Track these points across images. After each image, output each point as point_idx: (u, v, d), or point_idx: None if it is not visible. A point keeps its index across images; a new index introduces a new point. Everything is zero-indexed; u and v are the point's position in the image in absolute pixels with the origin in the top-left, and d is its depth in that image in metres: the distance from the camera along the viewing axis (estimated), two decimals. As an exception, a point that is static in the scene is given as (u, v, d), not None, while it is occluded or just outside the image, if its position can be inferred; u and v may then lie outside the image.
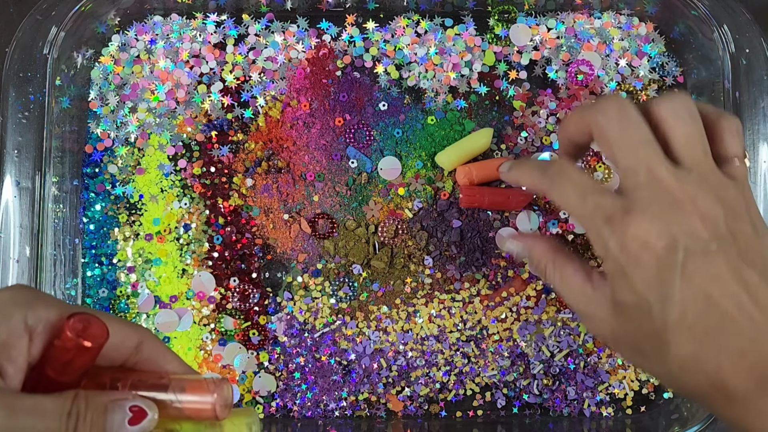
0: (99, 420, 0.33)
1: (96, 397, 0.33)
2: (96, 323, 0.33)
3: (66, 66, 0.68)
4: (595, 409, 0.69)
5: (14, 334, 0.33)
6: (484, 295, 0.69)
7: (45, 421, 0.31)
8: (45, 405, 0.32)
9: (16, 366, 0.33)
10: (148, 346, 0.37)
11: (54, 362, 0.34)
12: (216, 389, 0.36)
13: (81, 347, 0.33)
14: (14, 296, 0.33)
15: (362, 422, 0.68)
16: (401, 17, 0.71)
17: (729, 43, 0.66)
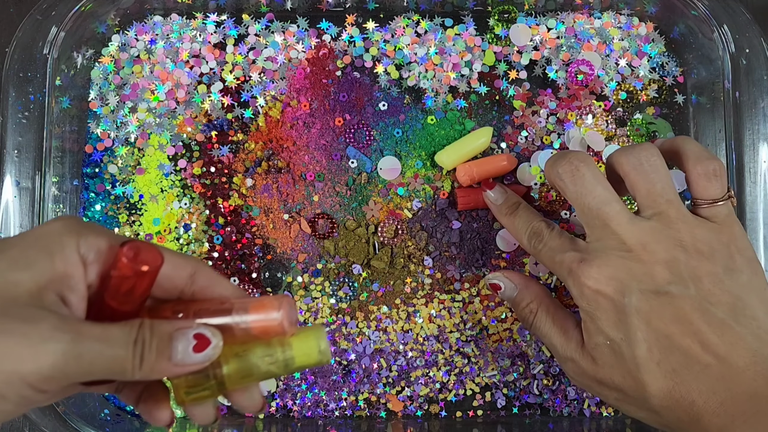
0: (164, 348, 0.33)
1: (161, 325, 0.33)
2: (149, 248, 0.33)
3: (66, 66, 0.68)
4: (595, 409, 0.69)
5: (71, 264, 0.33)
6: (484, 295, 0.69)
7: (112, 348, 0.32)
8: (112, 332, 0.32)
9: (78, 295, 0.33)
10: (203, 274, 0.37)
11: (113, 291, 0.34)
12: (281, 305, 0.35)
13: (138, 273, 0.33)
14: (65, 226, 0.33)
15: (362, 422, 0.68)
16: (401, 17, 0.71)
17: (729, 43, 0.66)
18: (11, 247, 0.33)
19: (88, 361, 0.31)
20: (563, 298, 0.69)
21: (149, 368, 0.33)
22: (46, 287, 0.32)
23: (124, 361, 0.32)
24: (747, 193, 0.65)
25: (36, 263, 0.32)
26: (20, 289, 0.31)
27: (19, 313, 0.30)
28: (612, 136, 0.70)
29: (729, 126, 0.66)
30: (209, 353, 0.34)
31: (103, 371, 0.32)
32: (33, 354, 0.30)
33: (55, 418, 0.63)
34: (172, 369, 0.34)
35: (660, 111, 0.72)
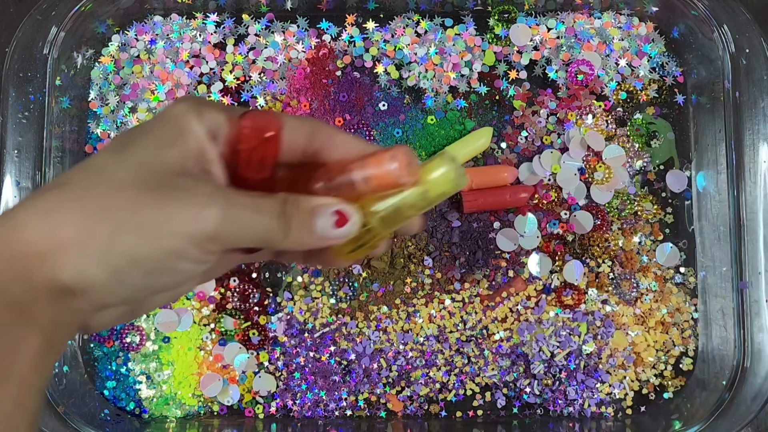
0: (308, 222, 0.35)
1: (304, 201, 0.35)
2: (266, 115, 0.35)
3: (66, 66, 0.68)
4: (595, 409, 0.69)
5: (203, 140, 0.34)
6: (484, 295, 0.69)
7: (262, 218, 0.34)
8: (261, 202, 0.34)
9: (217, 168, 0.35)
10: (321, 132, 0.38)
11: (245, 162, 0.35)
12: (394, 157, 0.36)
13: (263, 140, 0.35)
14: (187, 106, 0.35)
15: (362, 422, 0.68)
16: (401, 17, 0.71)
17: (729, 43, 0.66)
18: (149, 129, 0.34)
19: (241, 227, 0.33)
20: (563, 298, 0.69)
21: (293, 240, 0.35)
22: (190, 162, 0.34)
23: (272, 231, 0.34)
24: (747, 193, 0.65)
25: (176, 140, 0.34)
26: (171, 163, 0.33)
27: (178, 183, 0.33)
28: (612, 136, 0.70)
29: (729, 126, 0.66)
30: (348, 229, 0.35)
31: (253, 238, 0.34)
32: (196, 217, 0.32)
33: (55, 418, 0.63)
34: (314, 242, 0.35)
35: (660, 111, 0.72)
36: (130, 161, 0.33)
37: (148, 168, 0.33)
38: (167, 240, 0.32)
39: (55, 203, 0.32)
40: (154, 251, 0.32)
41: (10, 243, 0.32)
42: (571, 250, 0.69)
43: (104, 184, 0.33)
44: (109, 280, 0.32)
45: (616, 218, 0.70)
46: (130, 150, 0.34)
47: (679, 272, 0.70)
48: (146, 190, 0.32)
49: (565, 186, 0.69)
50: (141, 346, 0.68)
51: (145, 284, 0.33)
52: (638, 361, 0.69)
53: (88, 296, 0.33)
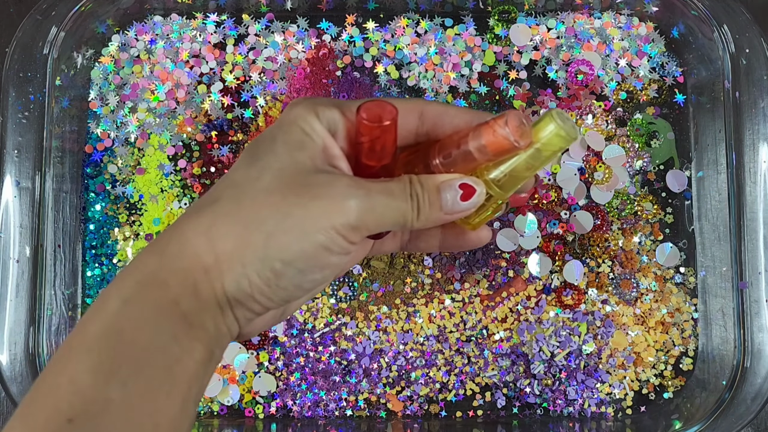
0: (435, 199, 0.37)
1: (428, 180, 0.37)
2: (378, 104, 0.36)
3: (66, 66, 0.68)
4: (595, 409, 0.69)
5: (325, 138, 0.36)
6: (484, 295, 0.69)
7: (396, 201, 0.36)
8: (392, 187, 0.36)
9: (343, 162, 0.37)
10: (429, 110, 0.39)
11: (369, 152, 0.37)
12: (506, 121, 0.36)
13: (383, 128, 0.36)
14: (304, 108, 0.37)
15: (362, 422, 0.68)
16: (401, 17, 0.71)
17: (729, 43, 0.66)
18: (275, 136, 0.37)
19: (380, 213, 0.35)
20: (563, 298, 0.69)
21: (425, 217, 0.37)
22: (319, 160, 0.36)
23: (406, 212, 0.36)
24: (747, 193, 0.65)
25: (304, 143, 0.36)
26: (305, 164, 0.36)
27: (317, 181, 0.35)
28: (612, 135, 0.70)
29: (729, 126, 0.66)
30: (475, 200, 0.37)
31: (391, 222, 0.36)
32: (340, 209, 0.34)
33: (55, 418, 0.63)
34: (444, 217, 0.37)
35: (660, 111, 0.72)
36: (268, 169, 0.35)
37: (286, 172, 0.35)
38: (318, 235, 0.34)
39: (212, 219, 0.35)
40: (307, 248, 0.34)
41: (182, 259, 0.34)
42: (571, 250, 0.69)
43: (251, 194, 0.35)
44: (268, 285, 0.35)
45: (616, 218, 0.70)
46: (264, 159, 0.36)
47: (679, 272, 0.70)
48: (290, 192, 0.35)
49: (565, 186, 0.69)
50: (141, 346, 0.68)
51: (300, 282, 0.35)
52: (638, 361, 0.69)
53: (249, 304, 0.35)
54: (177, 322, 0.34)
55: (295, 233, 0.34)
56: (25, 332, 0.63)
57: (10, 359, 0.62)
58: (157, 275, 0.34)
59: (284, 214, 0.34)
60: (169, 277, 0.34)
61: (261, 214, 0.34)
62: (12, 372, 0.62)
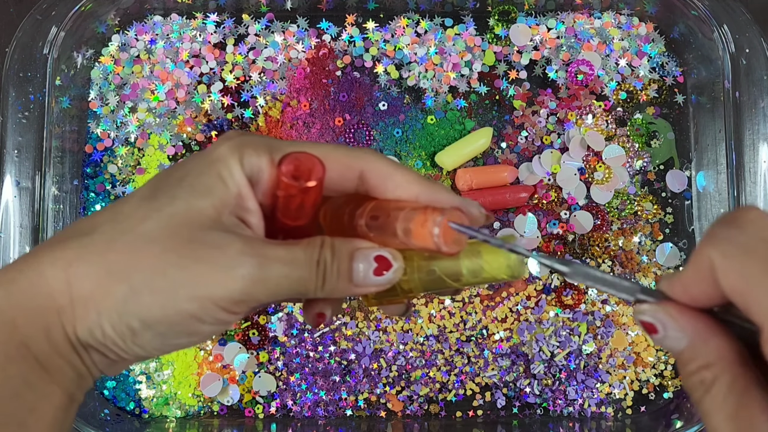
0: (346, 269, 0.33)
1: (342, 245, 0.33)
2: (307, 160, 0.32)
3: (66, 66, 0.68)
4: (595, 409, 0.69)
5: (242, 186, 0.33)
6: (484, 295, 0.69)
7: (297, 270, 0.32)
8: (296, 254, 0.32)
9: (255, 215, 0.33)
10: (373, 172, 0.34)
11: (283, 210, 0.33)
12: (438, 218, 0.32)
13: (302, 189, 0.32)
14: (229, 148, 0.33)
15: (362, 422, 0.68)
16: (401, 17, 0.71)
17: (729, 43, 0.66)
18: (186, 175, 0.33)
19: (275, 284, 0.32)
20: (563, 298, 0.69)
21: (331, 288, 0.33)
22: (225, 212, 0.32)
23: (308, 282, 0.32)
24: (747, 193, 0.65)
25: (213, 189, 0.32)
26: (203, 215, 0.32)
27: (206, 239, 0.31)
28: (612, 135, 0.70)
29: (729, 126, 0.66)
30: (390, 276, 0.33)
31: (288, 292, 0.32)
32: (223, 279, 0.30)
33: (55, 418, 0.63)
34: (352, 289, 0.33)
35: (660, 111, 0.72)
36: (158, 212, 0.32)
37: (178, 220, 0.31)
38: (186, 304, 0.31)
39: (76, 254, 0.31)
40: (172, 315, 0.31)
41: (34, 296, 0.31)
42: (571, 250, 0.69)
43: (130, 237, 0.31)
44: (123, 340, 0.31)
45: (616, 218, 0.70)
46: (160, 200, 0.32)
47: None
48: (172, 247, 0.31)
49: (565, 186, 0.69)
50: (141, 346, 0.68)
51: (160, 345, 0.32)
52: (638, 361, 0.69)
53: (104, 351, 0.32)
54: (29, 366, 0.30)
55: (163, 296, 0.31)
56: (25, 332, 0.63)
57: (10, 359, 0.62)
58: (4, 313, 0.30)
59: (156, 271, 0.31)
60: (18, 316, 0.30)
61: (131, 264, 0.31)
62: (12, 372, 0.62)
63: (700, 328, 0.31)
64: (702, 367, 0.30)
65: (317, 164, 0.32)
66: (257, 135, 0.34)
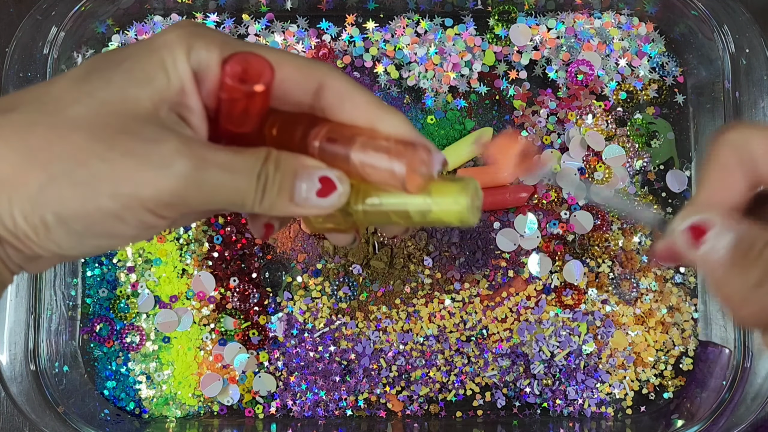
0: (287, 186, 0.30)
1: (286, 160, 0.30)
2: (256, 61, 0.29)
3: (66, 66, 0.67)
4: (595, 409, 0.69)
5: (186, 80, 0.29)
6: (484, 295, 0.69)
7: (235, 180, 0.29)
8: (236, 162, 0.29)
9: (197, 115, 0.30)
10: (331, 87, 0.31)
11: (225, 114, 0.30)
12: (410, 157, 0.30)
13: (247, 93, 0.29)
14: (178, 36, 0.29)
15: (362, 422, 0.68)
16: (401, 17, 0.71)
17: (729, 43, 0.66)
18: (125, 58, 0.29)
19: (210, 191, 0.29)
20: (563, 298, 0.69)
21: (269, 204, 0.30)
22: (164, 105, 0.29)
23: (246, 194, 0.30)
24: (747, 193, 0.65)
25: (153, 78, 0.29)
26: (140, 105, 0.28)
27: (140, 132, 0.28)
28: (612, 135, 0.70)
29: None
30: (333, 200, 0.30)
31: (223, 202, 0.30)
32: (153, 178, 0.28)
33: (55, 418, 0.63)
34: (292, 209, 0.31)
35: (660, 111, 0.72)
36: (90, 97, 0.28)
37: (110, 108, 0.28)
38: (108, 201, 0.28)
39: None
40: (91, 211, 0.28)
41: None
42: (571, 250, 0.69)
43: (53, 120, 0.28)
44: (35, 233, 0.28)
45: (616, 218, 0.70)
46: (96, 82, 0.29)
47: (679, 272, 0.70)
48: (99, 137, 0.28)
49: (565, 186, 0.69)
50: (141, 346, 0.68)
51: (77, 245, 0.29)
52: (638, 361, 0.69)
53: (15, 244, 0.29)
54: None
55: (83, 190, 0.27)
56: (25, 332, 0.63)
57: (10, 359, 0.62)
58: None
59: (79, 161, 0.27)
60: None
61: (52, 151, 0.27)
62: (12, 372, 0.62)
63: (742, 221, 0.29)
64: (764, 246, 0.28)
65: (266, 67, 0.29)
66: (213, 29, 0.31)
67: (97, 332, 0.68)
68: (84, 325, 0.69)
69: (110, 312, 0.69)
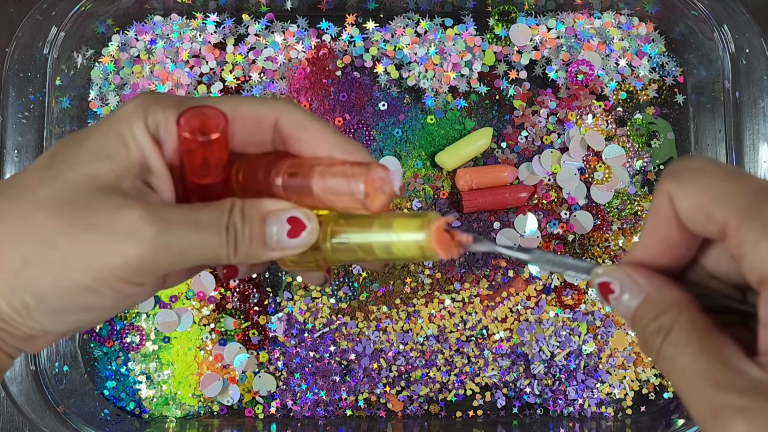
0: (258, 233, 0.30)
1: (251, 208, 0.31)
2: (209, 111, 0.30)
3: (66, 66, 0.68)
4: (595, 409, 0.69)
5: (146, 147, 0.30)
6: (484, 295, 0.69)
7: (203, 235, 0.30)
8: (201, 218, 0.30)
9: (161, 178, 0.31)
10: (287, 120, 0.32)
11: (187, 167, 0.31)
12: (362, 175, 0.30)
13: (203, 143, 0.30)
14: (134, 107, 0.31)
15: (362, 422, 0.68)
16: (401, 17, 0.71)
17: (729, 43, 0.66)
18: (85, 138, 0.30)
19: (179, 250, 0.29)
20: (563, 298, 0.69)
21: (244, 254, 0.31)
22: (127, 176, 0.30)
23: (218, 248, 0.30)
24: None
25: (113, 152, 0.30)
26: (102, 180, 0.29)
27: (102, 205, 0.29)
28: (612, 135, 0.70)
29: (729, 126, 0.66)
30: (304, 239, 0.31)
31: (198, 258, 0.30)
32: (119, 247, 0.28)
33: (55, 418, 0.63)
34: (268, 254, 0.31)
35: (660, 111, 0.72)
36: (54, 179, 0.29)
37: (73, 187, 0.29)
38: (79, 275, 0.28)
39: None
40: (65, 287, 0.29)
41: None
42: (571, 250, 0.69)
43: (21, 206, 0.29)
44: (18, 315, 0.29)
45: (616, 218, 0.70)
46: (59, 166, 0.30)
47: (679, 272, 0.70)
48: (63, 215, 0.29)
49: (565, 186, 0.69)
50: (141, 346, 0.68)
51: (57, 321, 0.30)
52: (638, 361, 0.69)
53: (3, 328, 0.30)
54: None
55: (54, 267, 0.28)
56: (25, 332, 0.63)
57: (10, 359, 0.62)
58: None
59: (47, 242, 0.28)
60: None
61: (22, 235, 0.29)
62: (12, 372, 0.62)
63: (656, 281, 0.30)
64: (660, 314, 0.29)
65: (218, 116, 0.30)
66: (167, 94, 0.32)
67: (97, 332, 0.68)
68: (84, 325, 0.69)
69: (110, 312, 0.69)
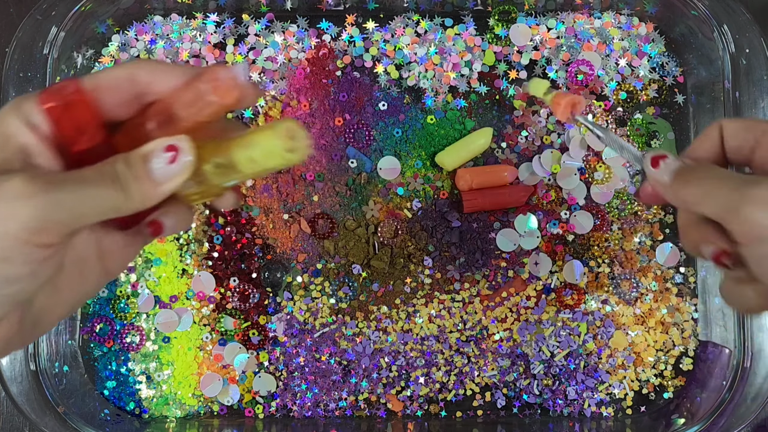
0: (142, 171, 0.33)
1: (133, 153, 0.33)
2: (61, 83, 0.34)
3: (66, 66, 0.67)
4: (595, 409, 0.69)
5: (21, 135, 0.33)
6: (484, 295, 0.69)
7: (91, 188, 0.32)
8: (85, 173, 0.32)
9: (45, 157, 0.34)
10: (141, 74, 0.35)
11: (66, 138, 0.34)
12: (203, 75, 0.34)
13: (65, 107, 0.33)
14: (9, 106, 0.34)
15: (362, 422, 0.68)
16: (401, 17, 0.71)
17: (729, 43, 0.66)
18: None
19: (71, 206, 0.31)
20: (563, 298, 0.69)
21: (139, 197, 0.33)
22: (13, 161, 0.33)
23: (111, 197, 0.32)
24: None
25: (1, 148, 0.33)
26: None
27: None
28: (612, 136, 0.70)
29: (729, 126, 0.66)
30: (184, 159, 0.33)
31: (95, 212, 0.32)
32: (11, 211, 0.30)
33: (55, 418, 0.63)
34: (161, 189, 0.33)
35: (660, 111, 0.72)
36: None
37: None
38: None
39: None
40: None
41: None
42: (571, 250, 0.69)
43: None
44: None
45: (616, 218, 0.70)
46: None
47: (679, 272, 0.70)
48: None
49: (565, 186, 0.69)
50: (141, 346, 0.68)
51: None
52: (638, 361, 0.69)
53: None
54: None
55: None
56: (25, 332, 0.63)
57: (10, 359, 0.62)
58: None
59: None
60: None
61: None
62: (12, 372, 0.62)
63: None
64: None
65: (70, 83, 0.33)
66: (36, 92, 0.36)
67: (97, 332, 0.68)
68: (84, 325, 0.69)
69: (110, 312, 0.69)
